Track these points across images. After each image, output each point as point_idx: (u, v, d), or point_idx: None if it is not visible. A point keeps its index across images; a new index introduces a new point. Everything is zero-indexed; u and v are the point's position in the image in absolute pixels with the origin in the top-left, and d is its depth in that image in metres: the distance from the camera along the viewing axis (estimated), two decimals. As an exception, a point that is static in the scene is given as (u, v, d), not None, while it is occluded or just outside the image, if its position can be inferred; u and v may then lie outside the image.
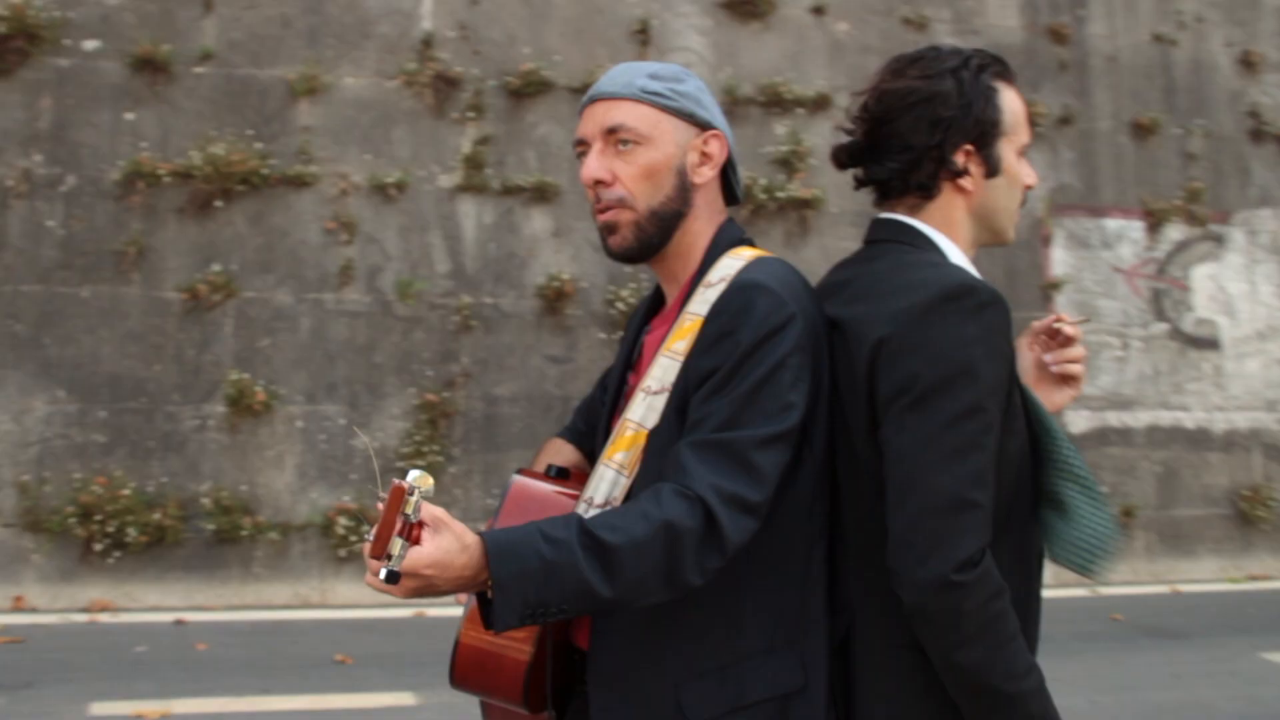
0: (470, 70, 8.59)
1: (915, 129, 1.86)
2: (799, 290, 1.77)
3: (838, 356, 1.78)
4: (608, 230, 1.85)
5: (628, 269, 8.72)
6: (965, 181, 1.89)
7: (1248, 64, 10.55)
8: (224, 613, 7.47)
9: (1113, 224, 9.96)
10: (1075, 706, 5.11)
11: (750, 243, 1.88)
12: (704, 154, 1.87)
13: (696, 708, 1.69)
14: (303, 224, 8.19)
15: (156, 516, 7.51)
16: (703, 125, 1.87)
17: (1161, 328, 9.93)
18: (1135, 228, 10.01)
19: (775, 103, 9.20)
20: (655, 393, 1.76)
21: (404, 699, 5.68)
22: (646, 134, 1.81)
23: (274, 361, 8.04)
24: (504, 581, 1.52)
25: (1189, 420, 9.81)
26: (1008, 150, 1.91)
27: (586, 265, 8.67)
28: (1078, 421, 9.48)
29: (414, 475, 1.49)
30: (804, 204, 9.01)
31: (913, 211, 1.92)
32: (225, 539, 7.69)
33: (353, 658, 6.36)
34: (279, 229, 8.16)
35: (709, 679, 1.70)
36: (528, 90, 8.64)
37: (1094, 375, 9.66)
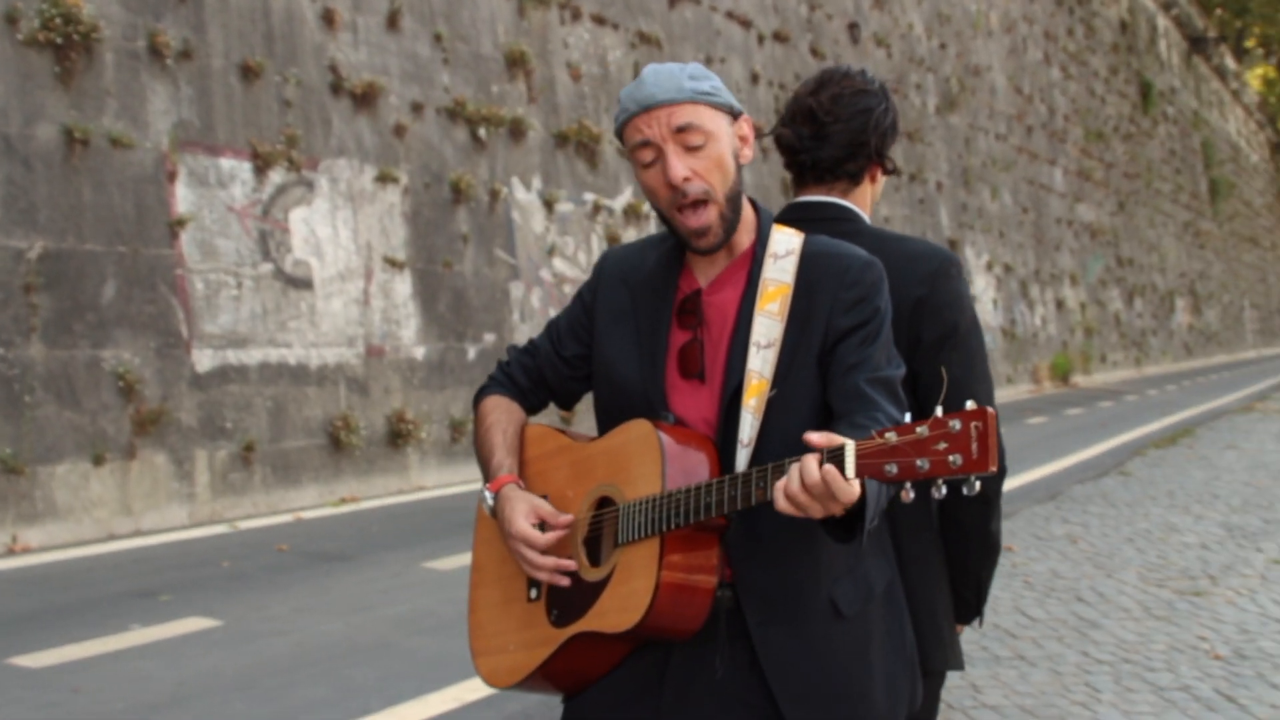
0: None
1: (862, 128, 2.32)
2: None
3: None
4: (697, 235, 2.05)
5: None
6: (879, 175, 2.44)
7: (329, 20, 11.31)
8: None
9: (227, 164, 10.14)
10: (308, 634, 5.41)
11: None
12: (741, 137, 2.10)
13: (847, 602, 2.07)
14: None
15: None
16: (735, 113, 2.09)
17: (268, 268, 10.40)
18: (245, 169, 10.30)
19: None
20: (765, 347, 2.04)
21: None
22: (710, 130, 2.03)
23: None
24: (868, 503, 1.80)
25: (291, 356, 10.48)
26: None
27: None
28: (202, 360, 9.62)
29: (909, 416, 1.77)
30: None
31: (844, 195, 2.36)
32: None
33: None
34: None
35: (847, 579, 2.08)
36: None
37: (214, 314, 9.85)
